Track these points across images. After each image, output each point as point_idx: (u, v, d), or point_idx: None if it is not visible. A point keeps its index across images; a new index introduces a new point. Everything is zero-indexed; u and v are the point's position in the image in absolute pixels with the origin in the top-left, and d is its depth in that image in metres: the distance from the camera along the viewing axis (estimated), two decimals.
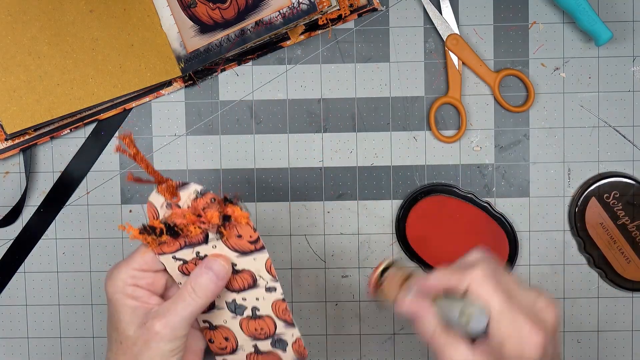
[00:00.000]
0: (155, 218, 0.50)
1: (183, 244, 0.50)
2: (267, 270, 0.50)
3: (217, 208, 0.48)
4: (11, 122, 0.62)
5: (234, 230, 0.49)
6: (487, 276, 0.46)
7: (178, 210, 0.49)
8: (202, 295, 0.49)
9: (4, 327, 0.67)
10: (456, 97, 0.64)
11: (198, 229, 0.49)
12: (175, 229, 0.49)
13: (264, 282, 0.51)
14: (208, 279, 0.49)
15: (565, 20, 0.65)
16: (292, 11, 0.60)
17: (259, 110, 0.66)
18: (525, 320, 0.45)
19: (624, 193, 0.64)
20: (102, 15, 0.63)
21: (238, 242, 0.49)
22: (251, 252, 0.49)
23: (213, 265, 0.50)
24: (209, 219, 0.48)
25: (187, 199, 0.49)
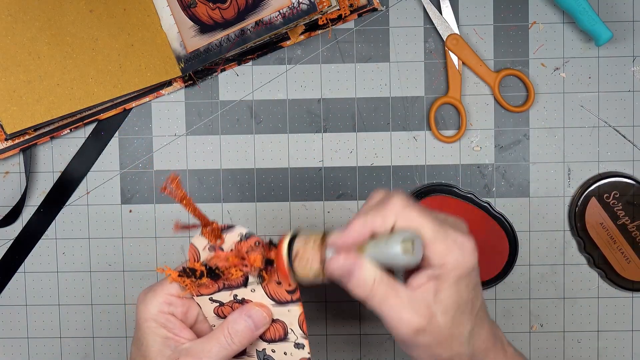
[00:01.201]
0: (197, 260, 0.49)
1: (222, 286, 0.49)
2: (299, 325, 0.49)
3: (260, 251, 0.47)
4: (11, 122, 0.62)
5: (274, 276, 0.48)
6: (406, 205, 0.44)
7: (221, 253, 0.48)
8: (237, 341, 0.48)
9: (4, 327, 0.67)
10: (456, 97, 0.64)
11: (239, 272, 0.47)
12: (217, 271, 0.48)
13: (294, 337, 0.50)
14: (247, 326, 0.48)
15: (565, 20, 0.65)
16: (292, 11, 0.60)
17: (259, 110, 0.66)
18: (455, 232, 0.44)
19: (624, 193, 0.64)
20: (102, 15, 0.63)
21: (277, 289, 0.48)
22: (287, 303, 0.48)
23: (254, 314, 0.48)
24: (252, 262, 0.47)
25: (230, 242, 0.48)
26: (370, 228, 0.44)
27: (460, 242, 0.44)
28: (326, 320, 0.67)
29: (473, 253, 0.44)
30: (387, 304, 0.44)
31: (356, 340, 0.67)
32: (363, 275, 0.44)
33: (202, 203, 0.66)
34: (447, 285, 0.44)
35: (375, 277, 0.44)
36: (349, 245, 0.45)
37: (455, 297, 0.44)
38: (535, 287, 0.66)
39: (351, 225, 0.45)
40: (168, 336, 0.48)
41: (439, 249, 0.44)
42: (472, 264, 0.44)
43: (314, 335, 0.67)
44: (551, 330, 0.66)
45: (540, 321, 0.66)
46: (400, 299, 0.44)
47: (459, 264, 0.44)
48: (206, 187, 0.66)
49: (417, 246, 0.43)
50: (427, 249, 0.44)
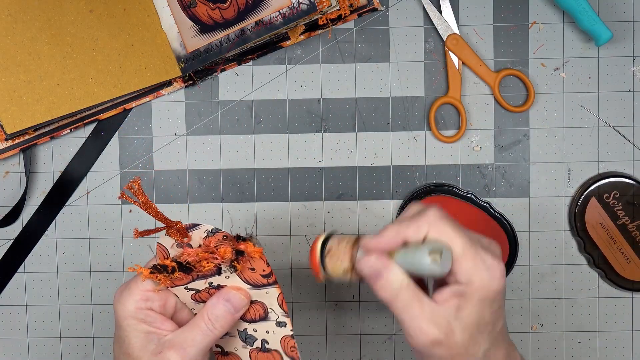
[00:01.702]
0: (166, 258, 0.49)
1: (195, 277, 0.49)
2: (279, 305, 0.49)
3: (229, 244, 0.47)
4: (11, 122, 0.62)
5: (247, 263, 0.48)
6: (441, 217, 0.45)
7: (190, 249, 0.48)
8: (219, 326, 0.48)
9: (4, 327, 0.67)
10: (456, 97, 0.64)
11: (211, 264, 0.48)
12: (188, 265, 0.48)
13: (275, 316, 0.50)
14: (226, 310, 0.48)
15: (565, 20, 0.65)
16: (292, 11, 0.60)
17: (259, 110, 0.66)
18: (486, 253, 0.45)
19: (624, 193, 0.64)
20: (102, 15, 0.63)
21: (251, 275, 0.49)
22: (264, 286, 0.49)
23: (232, 297, 0.49)
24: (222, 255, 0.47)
25: (197, 238, 0.48)
26: (403, 235, 0.45)
27: (490, 264, 0.45)
28: (326, 320, 0.67)
29: (501, 277, 0.45)
30: (409, 311, 0.45)
31: (356, 340, 0.67)
32: (390, 278, 0.45)
33: (202, 203, 0.66)
34: (471, 304, 0.44)
35: (402, 282, 0.45)
36: (380, 249, 0.46)
37: (477, 317, 0.45)
38: (535, 287, 0.66)
39: (385, 230, 0.46)
40: (149, 330, 0.48)
41: (467, 266, 0.44)
42: (498, 287, 0.45)
43: (314, 335, 0.67)
44: (551, 330, 0.66)
45: (540, 321, 0.66)
46: (423, 309, 0.44)
47: (484, 284, 0.44)
48: (206, 187, 0.66)
49: (444, 258, 0.44)
50: (455, 264, 0.44)
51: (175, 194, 0.66)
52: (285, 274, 0.66)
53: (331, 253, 0.48)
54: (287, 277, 0.66)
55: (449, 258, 0.44)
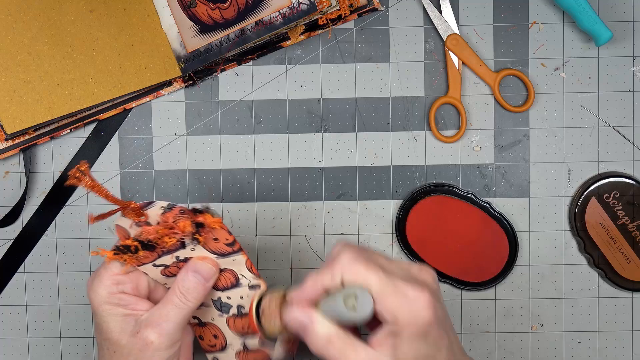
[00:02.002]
0: (127, 238, 0.49)
1: (161, 253, 0.50)
2: (248, 269, 0.50)
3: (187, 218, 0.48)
4: (11, 122, 0.62)
5: (209, 234, 0.49)
6: (354, 258, 0.44)
7: (149, 227, 0.48)
8: (191, 298, 0.49)
9: (4, 327, 0.67)
10: (456, 97, 0.64)
11: (173, 239, 0.48)
12: (150, 243, 0.48)
13: (246, 281, 0.51)
14: (196, 282, 0.49)
15: (565, 20, 0.65)
16: (292, 11, 0.60)
17: (259, 110, 0.66)
18: (407, 285, 0.43)
19: (624, 193, 0.64)
20: (102, 15, 0.63)
21: (216, 245, 0.49)
22: (230, 254, 0.50)
23: (200, 268, 0.49)
24: (182, 229, 0.47)
25: (155, 216, 0.48)
26: (321, 284, 0.45)
27: (412, 296, 0.43)
28: None
29: (427, 307, 0.43)
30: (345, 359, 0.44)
31: None
32: (317, 330, 0.44)
33: (202, 203, 0.66)
34: (404, 342, 0.43)
35: (329, 332, 0.44)
36: (303, 301, 0.45)
37: (414, 354, 0.43)
38: (535, 287, 0.66)
39: (305, 282, 0.46)
40: (125, 313, 0.49)
41: (388, 304, 0.43)
42: (426, 319, 0.43)
43: None
44: (551, 330, 0.66)
45: (540, 321, 0.66)
46: (358, 356, 0.43)
47: (410, 320, 0.43)
48: (206, 187, 0.66)
49: (362, 301, 0.43)
50: (377, 304, 0.43)
51: (175, 194, 0.66)
52: (285, 274, 0.66)
53: (265, 313, 0.48)
54: (287, 277, 0.66)
55: (368, 300, 0.43)
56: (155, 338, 0.48)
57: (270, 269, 0.66)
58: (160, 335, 0.48)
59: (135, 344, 0.48)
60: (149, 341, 0.47)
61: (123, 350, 0.48)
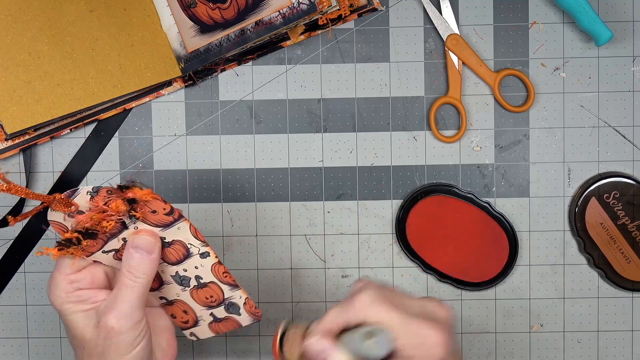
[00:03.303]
0: (65, 231, 0.49)
1: (105, 238, 0.49)
2: (194, 237, 0.50)
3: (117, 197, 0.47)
4: (11, 122, 0.62)
5: (145, 208, 0.48)
6: (375, 299, 0.46)
7: (81, 216, 0.48)
8: (140, 274, 0.48)
9: (4, 327, 0.67)
10: (456, 97, 0.64)
11: (111, 222, 0.48)
12: (90, 230, 0.48)
13: (196, 250, 0.50)
14: (139, 257, 0.48)
15: (565, 20, 0.65)
16: (292, 11, 0.60)
17: (259, 110, 0.66)
18: (422, 324, 0.46)
19: (624, 193, 0.64)
20: (102, 15, 0.63)
21: (155, 217, 0.49)
22: (172, 223, 0.49)
23: (139, 242, 0.49)
24: (116, 210, 0.47)
25: (84, 202, 0.48)
26: (342, 319, 0.47)
27: (423, 335, 0.46)
28: None
29: (437, 346, 0.46)
30: None
31: None
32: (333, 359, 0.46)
33: (202, 203, 0.66)
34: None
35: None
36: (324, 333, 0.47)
37: None
38: (535, 287, 0.66)
39: (326, 315, 0.48)
40: (86, 308, 0.49)
41: (406, 342, 0.46)
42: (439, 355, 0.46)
43: None
44: (551, 330, 0.66)
45: (540, 321, 0.66)
46: None
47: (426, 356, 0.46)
48: (206, 187, 0.66)
49: (380, 340, 0.45)
50: (396, 342, 0.46)
51: (175, 194, 0.66)
52: (285, 274, 0.66)
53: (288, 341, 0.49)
54: (287, 277, 0.66)
55: (386, 339, 0.46)
56: (114, 322, 0.47)
57: (271, 269, 0.66)
58: (119, 319, 0.47)
59: (98, 334, 0.48)
60: (109, 327, 0.47)
61: (90, 344, 0.48)
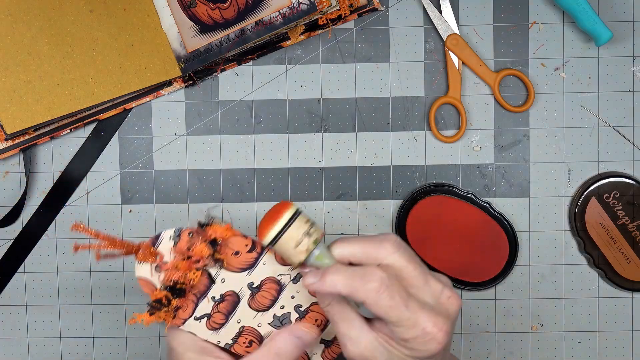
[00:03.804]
0: (156, 289, 0.47)
1: (195, 299, 0.47)
2: (281, 264, 0.47)
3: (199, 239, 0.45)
4: (11, 122, 0.62)
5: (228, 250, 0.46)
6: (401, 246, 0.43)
7: (168, 265, 0.46)
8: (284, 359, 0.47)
9: (4, 327, 0.67)
10: (456, 97, 0.64)
11: (198, 272, 0.46)
12: (178, 286, 0.46)
13: (287, 278, 0.48)
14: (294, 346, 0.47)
15: (565, 20, 0.65)
16: (292, 11, 0.60)
17: (259, 110, 0.66)
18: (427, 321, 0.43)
19: (624, 193, 0.64)
20: (102, 15, 0.63)
21: (239, 260, 0.46)
22: (257, 260, 0.47)
23: (301, 334, 0.47)
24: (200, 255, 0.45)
25: (168, 250, 0.46)
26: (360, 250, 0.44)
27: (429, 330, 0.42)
28: None
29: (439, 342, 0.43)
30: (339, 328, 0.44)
31: None
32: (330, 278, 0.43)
33: (202, 203, 0.66)
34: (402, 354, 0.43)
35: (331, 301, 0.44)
36: None
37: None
38: (535, 287, 0.66)
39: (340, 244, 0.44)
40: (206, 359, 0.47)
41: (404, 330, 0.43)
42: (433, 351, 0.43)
43: None
44: (551, 330, 0.66)
45: (540, 321, 0.66)
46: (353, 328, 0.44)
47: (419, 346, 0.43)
48: (206, 187, 0.66)
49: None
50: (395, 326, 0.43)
51: (175, 194, 0.66)
52: None
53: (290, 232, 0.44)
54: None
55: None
56: None
57: None
58: None
59: None
60: None
61: None
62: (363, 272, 0.43)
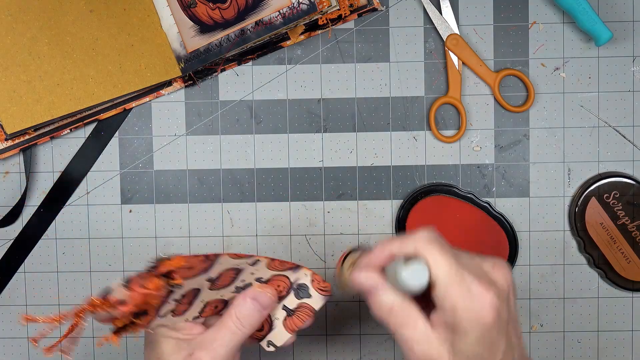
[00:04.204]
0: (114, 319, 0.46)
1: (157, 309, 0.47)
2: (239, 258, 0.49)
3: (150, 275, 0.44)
4: (11, 122, 0.62)
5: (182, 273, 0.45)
6: (432, 239, 0.44)
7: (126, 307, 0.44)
8: (247, 325, 0.49)
9: (4, 327, 0.67)
10: (456, 97, 0.64)
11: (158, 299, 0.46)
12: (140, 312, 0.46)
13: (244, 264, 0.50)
14: (253, 308, 0.50)
15: (565, 20, 0.65)
16: (292, 11, 0.60)
17: (259, 110, 0.66)
18: (473, 280, 0.42)
19: (624, 193, 0.64)
20: (102, 15, 0.63)
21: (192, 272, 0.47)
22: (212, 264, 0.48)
23: (258, 295, 0.50)
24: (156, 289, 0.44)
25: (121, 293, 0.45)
26: (389, 250, 0.45)
27: (476, 292, 0.42)
28: (326, 320, 0.67)
29: (489, 308, 0.42)
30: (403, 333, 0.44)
31: (356, 340, 0.67)
32: (380, 297, 0.44)
33: (202, 203, 0.66)
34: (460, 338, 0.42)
35: (393, 301, 0.44)
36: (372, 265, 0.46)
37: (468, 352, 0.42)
38: (535, 287, 0.66)
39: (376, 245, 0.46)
40: (180, 337, 0.49)
41: (451, 292, 0.42)
42: (485, 320, 0.42)
43: (314, 335, 0.67)
44: (551, 330, 0.66)
45: (540, 321, 0.66)
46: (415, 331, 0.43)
47: (470, 317, 0.42)
48: (206, 187, 0.66)
49: (416, 270, 0.43)
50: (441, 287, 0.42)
51: (175, 194, 0.66)
52: None
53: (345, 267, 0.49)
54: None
55: (422, 270, 0.43)
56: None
57: None
58: (213, 358, 0.48)
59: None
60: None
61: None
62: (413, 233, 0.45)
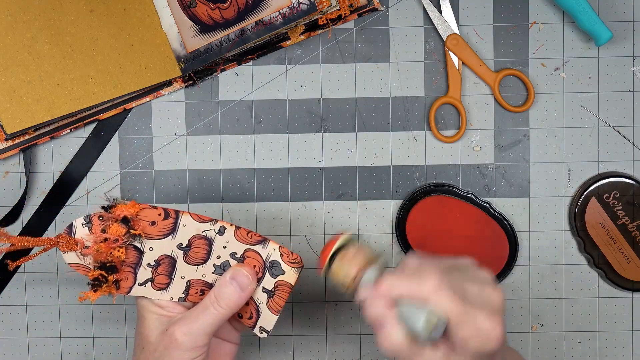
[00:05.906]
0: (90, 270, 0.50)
1: (132, 269, 0.50)
2: (203, 222, 0.50)
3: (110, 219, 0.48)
4: (11, 122, 0.62)
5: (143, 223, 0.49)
6: (441, 286, 0.46)
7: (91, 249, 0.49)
8: (225, 305, 0.50)
9: (4, 327, 0.67)
10: (456, 97, 0.64)
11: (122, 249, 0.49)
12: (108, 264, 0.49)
13: (212, 232, 0.51)
14: (232, 289, 0.50)
15: (565, 20, 0.65)
16: (292, 11, 0.60)
17: (259, 110, 0.66)
18: (484, 319, 0.45)
19: (624, 193, 0.64)
20: (102, 15, 0.63)
21: (157, 228, 0.50)
22: (175, 224, 0.50)
23: (237, 275, 0.51)
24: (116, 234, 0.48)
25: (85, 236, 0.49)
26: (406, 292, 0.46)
27: (486, 330, 0.45)
28: (326, 320, 0.67)
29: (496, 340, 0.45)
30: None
31: (356, 340, 0.67)
32: (391, 335, 0.46)
33: (202, 203, 0.66)
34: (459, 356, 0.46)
35: (402, 342, 0.46)
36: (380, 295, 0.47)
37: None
38: (535, 287, 0.66)
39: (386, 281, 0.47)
40: (162, 313, 0.51)
41: (464, 331, 0.45)
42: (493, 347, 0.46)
43: (314, 335, 0.67)
44: (551, 330, 0.66)
45: (540, 321, 0.66)
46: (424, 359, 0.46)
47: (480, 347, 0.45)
48: (206, 187, 0.66)
49: (439, 327, 0.45)
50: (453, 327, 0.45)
51: (175, 194, 0.66)
52: None
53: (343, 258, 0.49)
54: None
55: (442, 327, 0.45)
56: (180, 336, 0.49)
57: None
58: (185, 334, 0.49)
59: (162, 340, 0.50)
60: (174, 338, 0.49)
61: (150, 346, 0.50)
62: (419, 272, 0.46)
